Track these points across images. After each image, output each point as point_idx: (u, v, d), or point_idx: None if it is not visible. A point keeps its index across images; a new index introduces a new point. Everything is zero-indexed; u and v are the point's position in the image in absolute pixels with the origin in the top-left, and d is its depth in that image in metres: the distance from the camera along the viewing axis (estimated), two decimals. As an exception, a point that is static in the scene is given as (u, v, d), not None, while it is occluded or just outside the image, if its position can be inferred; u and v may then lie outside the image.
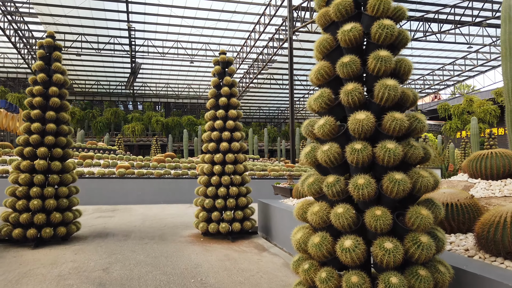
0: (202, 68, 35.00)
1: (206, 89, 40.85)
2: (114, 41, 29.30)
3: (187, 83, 39.36)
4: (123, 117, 43.49)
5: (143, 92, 40.84)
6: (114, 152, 18.00)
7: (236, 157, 7.63)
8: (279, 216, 6.80)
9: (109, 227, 8.47)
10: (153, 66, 34.73)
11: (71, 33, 28.08)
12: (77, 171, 12.54)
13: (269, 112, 47.43)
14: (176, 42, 29.90)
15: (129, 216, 10.14)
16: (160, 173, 13.30)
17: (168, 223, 9.06)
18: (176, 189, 13.05)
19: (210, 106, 7.94)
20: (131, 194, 12.60)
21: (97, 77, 36.67)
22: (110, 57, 32.01)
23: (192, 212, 10.87)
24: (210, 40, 30.06)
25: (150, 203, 12.65)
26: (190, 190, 13.18)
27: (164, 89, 40.18)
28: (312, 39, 26.82)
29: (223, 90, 7.69)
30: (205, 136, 7.92)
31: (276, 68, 32.83)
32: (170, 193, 12.93)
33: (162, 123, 40.32)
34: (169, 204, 12.70)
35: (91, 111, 40.72)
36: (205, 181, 7.54)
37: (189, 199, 12.88)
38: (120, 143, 33.71)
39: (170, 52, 30.69)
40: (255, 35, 27.88)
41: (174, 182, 13.13)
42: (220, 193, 7.27)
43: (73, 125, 39.66)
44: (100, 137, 38.97)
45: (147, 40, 29.57)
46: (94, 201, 12.17)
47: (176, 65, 34.33)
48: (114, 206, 11.97)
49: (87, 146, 17.83)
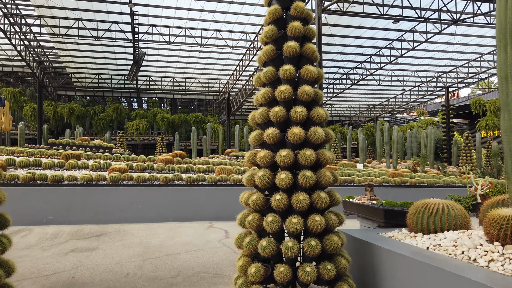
0: (211, 60, 31.27)
1: (215, 83, 37.11)
2: (115, 28, 25.65)
3: (195, 77, 35.62)
4: (126, 114, 39.86)
5: (147, 87, 37.15)
6: (110, 150, 14.25)
7: (320, 156, 3.83)
8: (403, 274, 3.08)
9: (81, 278, 4.73)
10: (159, 58, 31.03)
11: (67, 17, 24.45)
12: (53, 175, 8.85)
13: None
14: (184, 29, 26.21)
15: (121, 248, 6.40)
16: (167, 178, 9.58)
17: (184, 266, 5.32)
18: (189, 201, 9.32)
19: (265, 57, 4.09)
20: (127, 207, 8.89)
21: (97, 69, 32.99)
22: (111, 46, 28.34)
23: (215, 238, 7.13)
24: (221, 27, 26.34)
25: (153, 220, 8.94)
26: (210, 202, 9.45)
27: (170, 83, 36.46)
28: (342, 23, 23.06)
29: (292, 27, 3.87)
30: (257, 116, 4.09)
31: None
32: (182, 206, 9.22)
33: (168, 120, 36.64)
34: (181, 223, 8.97)
35: (93, 108, 37.09)
36: (258, 203, 3.78)
37: (208, 215, 9.14)
38: (122, 141, 30.03)
39: (176, 41, 26.99)
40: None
41: (187, 190, 9.41)
42: (291, 228, 3.51)
43: (72, 122, 36.04)
44: (101, 136, 35.35)
45: (151, 27, 25.89)
46: (74, 219, 8.47)
47: (183, 56, 30.61)
48: (102, 227, 8.24)
49: (77, 143, 14.11)
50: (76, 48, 28.64)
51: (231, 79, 34.85)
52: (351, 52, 27.83)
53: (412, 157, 25.82)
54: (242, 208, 4.13)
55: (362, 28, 23.88)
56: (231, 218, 9.51)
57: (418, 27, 23.62)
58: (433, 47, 26.79)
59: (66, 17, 24.34)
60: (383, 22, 23.11)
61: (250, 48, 28.65)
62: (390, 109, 39.47)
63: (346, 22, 23.30)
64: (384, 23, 23.36)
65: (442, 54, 28.29)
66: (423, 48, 26.69)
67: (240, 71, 32.04)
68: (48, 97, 36.39)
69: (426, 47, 26.73)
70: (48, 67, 32.80)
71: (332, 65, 30.48)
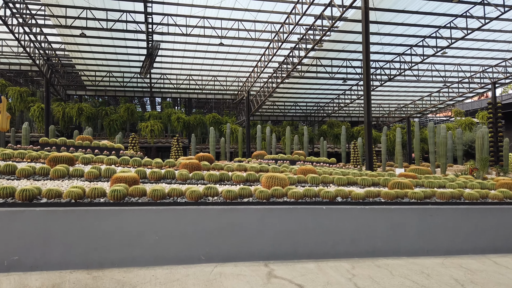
0: (230, 55, 28.03)
1: (233, 81, 33.83)
2: (126, 18, 22.59)
3: (213, 75, 32.40)
4: (139, 116, 36.87)
5: (161, 86, 34.06)
6: (117, 152, 10.93)
7: None
8: None
9: None
10: (173, 53, 27.89)
11: (73, 6, 21.48)
12: (23, 190, 5.59)
13: (307, 108, 39.96)
14: (202, 18, 23.02)
15: None
16: (197, 193, 6.26)
17: None
18: (232, 229, 5.97)
19: None
20: (137, 240, 5.58)
21: (108, 66, 30.01)
22: (123, 40, 25.30)
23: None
24: (243, 16, 23.08)
25: (177, 261, 5.61)
26: (263, 231, 6.06)
27: (185, 82, 33.29)
28: (384, 7, 19.60)
29: None
30: None
31: (325, 50, 25.63)
32: (220, 237, 5.87)
33: (184, 121, 33.46)
34: (221, 266, 5.59)
35: (104, 109, 34.15)
36: None
37: (261, 250, 5.78)
38: (134, 143, 26.91)
39: (193, 33, 23.82)
40: (302, 7, 20.87)
41: (227, 212, 6.07)
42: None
43: (82, 123, 33.13)
44: (113, 139, 32.36)
45: (166, 16, 22.76)
46: (52, 260, 5.18)
47: (200, 51, 27.43)
48: (94, 278, 4.92)
49: (76, 144, 10.83)
50: (85, 42, 25.68)
51: (251, 76, 31.55)
52: (389, 43, 24.28)
53: (468, 161, 22.09)
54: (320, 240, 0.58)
55: (407, 12, 20.37)
56: (297, 255, 6.11)
57: (472, 10, 20.06)
58: (483, 36, 23.12)
59: (73, 6, 21.36)
60: (432, 4, 19.60)
61: (274, 40, 25.37)
62: (423, 108, 35.61)
63: (389, 6, 19.85)
64: (433, 6, 19.83)
65: (491, 44, 24.58)
66: (472, 37, 23.04)
67: (262, 67, 28.73)
68: (57, 96, 33.59)
69: (475, 36, 23.07)
70: (56, 64, 29.93)
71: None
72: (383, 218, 6.50)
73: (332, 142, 38.28)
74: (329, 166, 12.15)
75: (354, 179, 8.45)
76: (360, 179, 8.38)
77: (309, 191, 6.76)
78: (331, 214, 6.35)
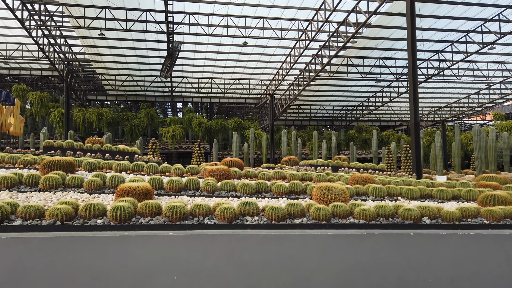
0: (254, 56, 26.40)
1: (257, 84, 32.16)
2: (146, 18, 21.33)
3: (235, 77, 30.84)
4: (160, 121, 35.69)
5: (182, 90, 32.74)
6: (131, 157, 9.24)
7: None
8: None
9: None
10: (195, 55, 26.52)
11: (92, 6, 20.37)
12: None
13: (333, 112, 37.76)
14: (225, 16, 21.51)
15: None
16: (231, 212, 4.45)
17: None
18: (280, 263, 4.14)
19: None
20: (147, 280, 3.83)
21: (128, 70, 28.91)
22: (143, 41, 24.10)
23: None
24: (269, 13, 21.42)
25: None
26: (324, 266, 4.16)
27: (207, 85, 31.85)
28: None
29: None
30: None
31: (356, 47, 23.62)
32: (264, 276, 4.05)
33: (205, 126, 31.98)
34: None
35: (125, 114, 33.10)
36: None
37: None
38: (154, 149, 25.54)
39: (216, 32, 22.33)
40: (333, 2, 19.09)
41: (273, 240, 4.24)
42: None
43: (102, 129, 32.13)
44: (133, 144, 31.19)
45: (188, 15, 21.35)
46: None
47: (222, 52, 25.94)
48: None
49: (84, 148, 9.19)
50: (105, 45, 24.63)
51: (275, 79, 29.82)
52: (427, 39, 22.05)
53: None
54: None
55: (451, 3, 18.22)
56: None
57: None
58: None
59: (91, 5, 20.25)
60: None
61: (301, 39, 23.59)
62: (460, 111, 32.80)
63: (431, -4, 17.77)
64: (481, -4, 17.64)
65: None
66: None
67: (287, 69, 26.98)
68: (77, 101, 32.78)
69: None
70: (77, 68, 29.06)
71: (400, 56, 24.70)
72: (497, 249, 4.51)
73: (360, 147, 35.92)
74: (379, 173, 10.18)
75: (428, 191, 6.47)
76: (436, 191, 6.40)
77: (383, 208, 4.85)
78: (420, 243, 4.42)
